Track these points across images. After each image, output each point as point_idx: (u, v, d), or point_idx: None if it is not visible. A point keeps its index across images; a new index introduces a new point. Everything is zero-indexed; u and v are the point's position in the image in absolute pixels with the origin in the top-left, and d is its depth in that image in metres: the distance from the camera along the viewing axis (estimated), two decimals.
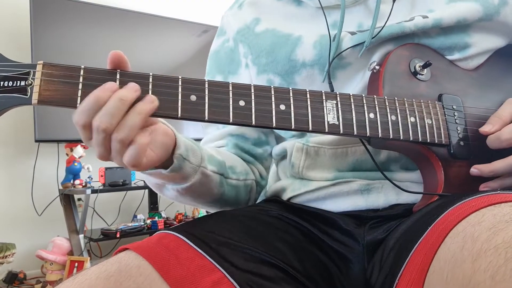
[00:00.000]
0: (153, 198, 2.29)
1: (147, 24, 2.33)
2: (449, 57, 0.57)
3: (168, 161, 0.49)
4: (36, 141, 1.98)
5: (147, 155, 0.43)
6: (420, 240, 0.40)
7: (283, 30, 0.62)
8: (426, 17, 0.56)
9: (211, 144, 0.69)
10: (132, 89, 0.41)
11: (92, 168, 2.08)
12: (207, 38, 2.52)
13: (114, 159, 0.43)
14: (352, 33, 0.57)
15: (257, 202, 0.69)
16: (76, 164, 2.03)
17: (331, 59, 0.56)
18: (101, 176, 2.06)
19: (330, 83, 0.56)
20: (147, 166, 0.45)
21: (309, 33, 0.60)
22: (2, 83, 0.40)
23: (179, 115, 0.43)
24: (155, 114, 0.43)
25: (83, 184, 2.00)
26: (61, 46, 2.05)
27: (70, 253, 1.92)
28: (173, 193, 0.56)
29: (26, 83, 0.40)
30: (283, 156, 0.66)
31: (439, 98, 0.53)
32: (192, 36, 2.49)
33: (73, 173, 2.03)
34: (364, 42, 0.56)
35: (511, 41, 0.62)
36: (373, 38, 0.55)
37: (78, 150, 2.03)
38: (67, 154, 2.06)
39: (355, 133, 0.47)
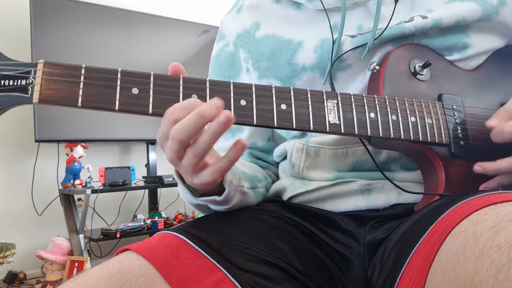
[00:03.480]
0: (153, 198, 2.29)
1: (147, 24, 2.33)
2: (449, 58, 0.57)
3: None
4: (36, 141, 1.98)
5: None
6: (421, 239, 0.40)
7: (283, 35, 0.62)
8: (426, 17, 0.56)
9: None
10: (214, 106, 0.40)
11: (92, 168, 2.08)
12: (207, 38, 2.52)
13: (183, 168, 0.43)
14: (353, 36, 0.57)
15: None
16: (76, 164, 2.03)
17: (330, 64, 0.56)
18: (101, 176, 2.05)
19: (332, 84, 0.56)
20: (212, 184, 0.45)
21: (309, 37, 0.60)
22: (2, 82, 0.40)
23: None
24: (156, 114, 0.42)
25: (83, 184, 2.00)
26: (61, 46, 2.05)
27: (70, 253, 1.91)
28: (215, 209, 0.57)
29: (27, 82, 0.40)
30: (284, 157, 0.66)
31: (439, 98, 0.54)
32: (192, 36, 2.49)
33: (73, 173, 2.02)
34: (364, 43, 0.56)
35: (510, 41, 0.62)
36: (375, 39, 0.55)
37: (78, 150, 2.03)
38: (67, 154, 2.06)
39: (356, 132, 0.47)
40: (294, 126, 0.46)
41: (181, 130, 0.40)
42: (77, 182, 1.99)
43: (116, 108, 0.42)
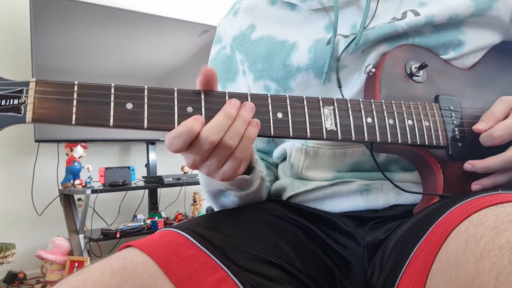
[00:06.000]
0: (153, 198, 2.29)
1: (147, 24, 2.33)
2: (445, 56, 0.57)
3: None
4: (36, 141, 1.97)
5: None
6: (421, 240, 0.40)
7: (278, 37, 0.63)
8: (418, 13, 0.55)
9: None
10: (249, 110, 0.44)
11: (92, 168, 2.08)
12: (207, 38, 2.52)
13: (209, 166, 0.45)
14: (346, 36, 0.58)
15: None
16: (76, 164, 2.03)
17: (327, 63, 0.57)
18: (101, 176, 2.05)
19: (339, 80, 0.56)
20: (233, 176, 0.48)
21: (304, 38, 0.60)
22: None
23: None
24: (151, 128, 0.42)
25: (83, 184, 2.00)
26: (61, 46, 2.05)
27: (70, 253, 1.91)
28: (232, 199, 0.57)
29: (20, 101, 0.39)
30: (283, 158, 0.66)
31: (436, 99, 0.54)
32: (192, 36, 2.49)
33: (73, 173, 2.02)
34: (358, 42, 0.56)
35: (506, 37, 0.62)
36: (364, 29, 0.55)
37: (78, 150, 2.03)
38: (67, 154, 2.06)
39: (353, 138, 0.47)
40: (291, 135, 0.45)
41: (234, 136, 0.43)
42: (77, 182, 1.99)
43: (111, 124, 0.41)
